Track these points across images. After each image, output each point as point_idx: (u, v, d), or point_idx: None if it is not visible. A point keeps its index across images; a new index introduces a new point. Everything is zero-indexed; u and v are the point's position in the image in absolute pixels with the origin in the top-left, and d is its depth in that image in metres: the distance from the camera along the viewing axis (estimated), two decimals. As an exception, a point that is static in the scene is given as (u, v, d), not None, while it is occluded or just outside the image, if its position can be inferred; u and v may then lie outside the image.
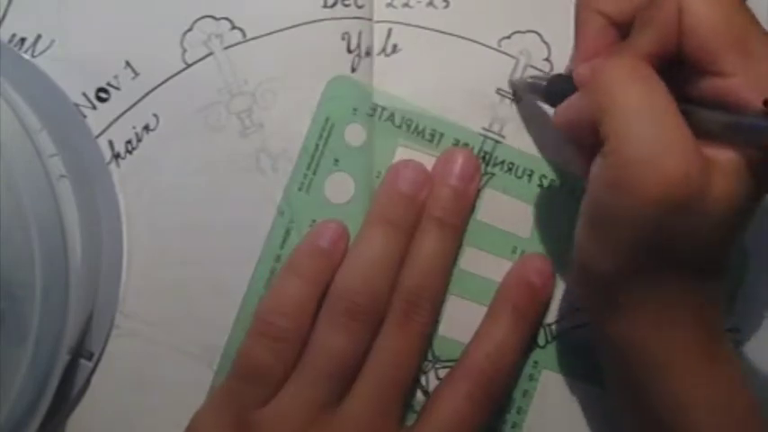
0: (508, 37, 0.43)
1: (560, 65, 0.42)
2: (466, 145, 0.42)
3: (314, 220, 0.40)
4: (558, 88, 0.38)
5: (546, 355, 0.41)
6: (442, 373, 0.40)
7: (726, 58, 0.33)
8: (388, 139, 0.41)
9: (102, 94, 0.40)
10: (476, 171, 0.41)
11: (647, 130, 0.32)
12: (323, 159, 0.40)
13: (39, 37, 0.39)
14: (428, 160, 0.41)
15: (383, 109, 0.41)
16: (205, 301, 0.40)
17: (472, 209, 0.41)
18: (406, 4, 0.42)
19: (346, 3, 0.41)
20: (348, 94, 0.41)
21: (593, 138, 0.34)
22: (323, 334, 0.38)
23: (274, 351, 0.37)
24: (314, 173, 0.40)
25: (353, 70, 0.41)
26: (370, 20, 0.41)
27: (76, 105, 0.39)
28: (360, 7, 0.41)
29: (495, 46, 0.42)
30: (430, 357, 0.41)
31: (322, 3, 0.41)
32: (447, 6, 0.42)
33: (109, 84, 0.40)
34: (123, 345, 0.39)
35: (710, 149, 0.33)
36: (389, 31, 0.42)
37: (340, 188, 0.41)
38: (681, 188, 0.32)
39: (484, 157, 0.41)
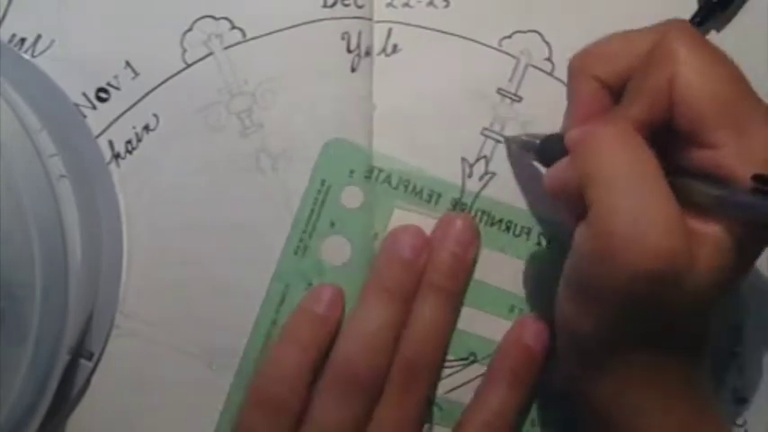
0: (509, 36, 0.43)
1: (561, 64, 0.42)
2: (464, 205, 0.41)
3: (310, 284, 0.40)
4: (551, 148, 0.38)
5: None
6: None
7: (716, 130, 0.33)
8: (386, 200, 0.41)
9: (102, 94, 0.40)
10: (474, 236, 0.41)
11: (631, 201, 0.32)
12: (319, 222, 0.40)
13: (39, 37, 0.39)
14: (426, 221, 0.41)
15: (380, 171, 0.41)
16: (205, 301, 0.40)
17: (471, 273, 0.41)
18: (406, 4, 0.42)
19: (346, 2, 0.41)
20: (345, 156, 0.41)
21: (582, 204, 0.33)
22: (323, 405, 0.37)
23: (273, 422, 0.37)
24: (309, 236, 0.40)
25: (353, 70, 0.41)
26: (370, 20, 0.41)
27: (76, 105, 0.39)
28: (360, 7, 0.41)
29: (496, 45, 0.42)
30: (429, 421, 0.41)
31: (322, 2, 0.41)
32: (447, 6, 0.42)
33: (109, 84, 0.40)
34: (123, 345, 0.39)
35: (698, 221, 0.33)
36: (390, 30, 0.42)
37: (336, 251, 0.40)
38: (665, 263, 0.31)
39: (483, 159, 0.42)
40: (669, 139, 0.34)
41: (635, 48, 0.36)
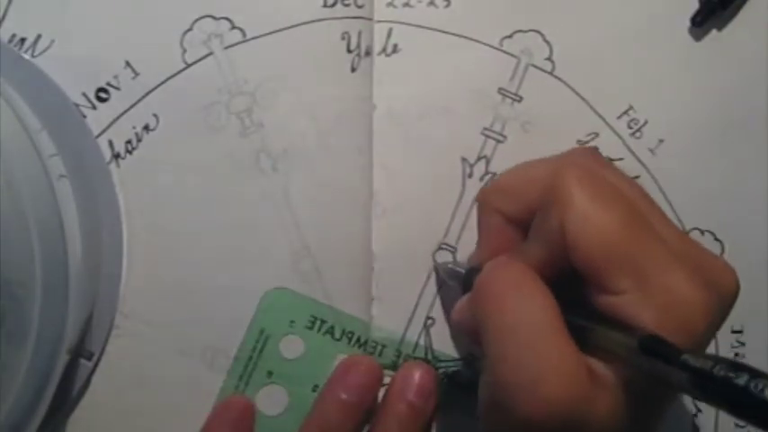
0: (510, 36, 0.42)
1: (562, 64, 0.42)
2: (407, 356, 0.41)
3: None
4: (472, 278, 0.37)
5: None
6: None
7: (613, 276, 0.31)
8: (327, 350, 0.40)
9: (102, 94, 0.40)
10: (434, 387, 0.40)
11: (522, 351, 0.30)
12: (255, 372, 0.40)
13: (39, 37, 0.39)
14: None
15: (322, 322, 0.40)
16: (205, 301, 0.40)
17: (430, 426, 0.40)
18: (406, 4, 0.42)
19: (346, 2, 0.41)
20: (285, 305, 0.40)
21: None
22: None
23: None
24: (246, 384, 0.40)
25: (353, 70, 0.41)
26: (370, 19, 0.41)
27: (76, 105, 0.39)
28: (360, 7, 0.41)
29: (497, 45, 0.42)
30: None
31: (322, 2, 0.41)
32: (448, 6, 0.42)
33: (109, 84, 0.40)
34: (123, 345, 0.39)
35: (600, 364, 0.31)
36: (390, 30, 0.42)
37: (272, 400, 0.40)
38: (562, 411, 0.29)
39: (483, 159, 0.41)
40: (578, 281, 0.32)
41: (533, 182, 0.35)
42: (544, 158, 0.37)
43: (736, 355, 0.43)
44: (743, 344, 0.43)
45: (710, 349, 0.43)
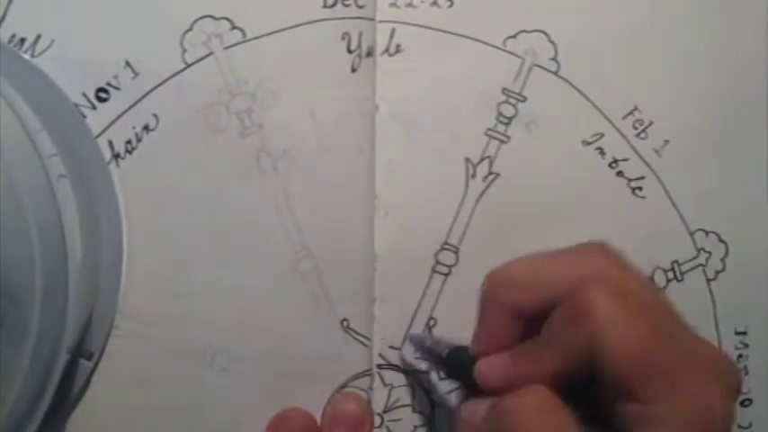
0: (514, 36, 0.42)
1: (567, 64, 0.42)
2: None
3: None
4: (459, 361, 0.37)
5: None
6: None
7: (646, 385, 0.31)
8: None
9: (102, 94, 0.40)
10: (366, 416, 0.40)
11: None
12: None
13: (39, 37, 0.39)
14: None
15: None
16: (205, 301, 0.40)
17: None
18: (409, 4, 0.42)
19: (346, 3, 0.41)
20: None
21: None
22: None
23: None
24: None
25: (354, 71, 0.41)
26: (371, 20, 0.41)
27: (76, 105, 0.39)
28: (360, 7, 0.41)
29: (501, 45, 0.42)
30: None
31: (322, 3, 0.41)
32: (451, 6, 0.42)
33: (109, 84, 0.40)
34: (123, 345, 0.39)
35: None
36: (393, 30, 0.42)
37: None
38: None
39: (487, 160, 0.41)
40: (595, 388, 0.33)
41: (549, 280, 0.35)
42: (558, 252, 0.36)
43: (740, 356, 0.42)
44: (747, 345, 0.43)
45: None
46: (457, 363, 0.38)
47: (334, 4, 0.41)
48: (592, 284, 0.32)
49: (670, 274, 0.43)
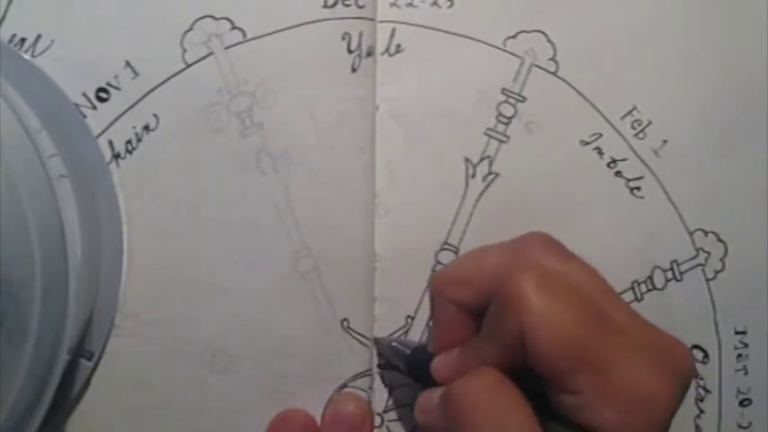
0: (513, 36, 0.42)
1: (566, 65, 0.42)
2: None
3: None
4: (419, 361, 0.38)
5: None
6: None
7: (573, 376, 0.31)
8: None
9: (102, 94, 0.40)
10: (366, 417, 0.40)
11: None
12: None
13: (39, 37, 0.39)
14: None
15: None
16: (205, 301, 0.39)
17: None
18: (410, 4, 0.42)
19: (347, 3, 0.41)
20: None
21: None
22: None
23: None
24: None
25: (354, 71, 0.41)
26: (371, 20, 0.41)
27: (76, 105, 0.39)
28: (360, 7, 0.41)
29: (501, 45, 0.42)
30: None
31: (322, 3, 0.41)
32: (451, 6, 0.42)
33: (109, 84, 0.40)
34: (123, 345, 0.39)
35: None
36: (393, 30, 0.42)
37: None
38: None
39: (487, 160, 0.41)
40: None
41: (485, 272, 0.35)
42: (498, 245, 0.37)
43: (740, 356, 0.42)
44: (746, 345, 0.43)
45: (713, 350, 0.43)
46: (419, 362, 0.38)
47: (334, 4, 0.41)
48: (520, 274, 0.33)
49: (669, 274, 0.43)
